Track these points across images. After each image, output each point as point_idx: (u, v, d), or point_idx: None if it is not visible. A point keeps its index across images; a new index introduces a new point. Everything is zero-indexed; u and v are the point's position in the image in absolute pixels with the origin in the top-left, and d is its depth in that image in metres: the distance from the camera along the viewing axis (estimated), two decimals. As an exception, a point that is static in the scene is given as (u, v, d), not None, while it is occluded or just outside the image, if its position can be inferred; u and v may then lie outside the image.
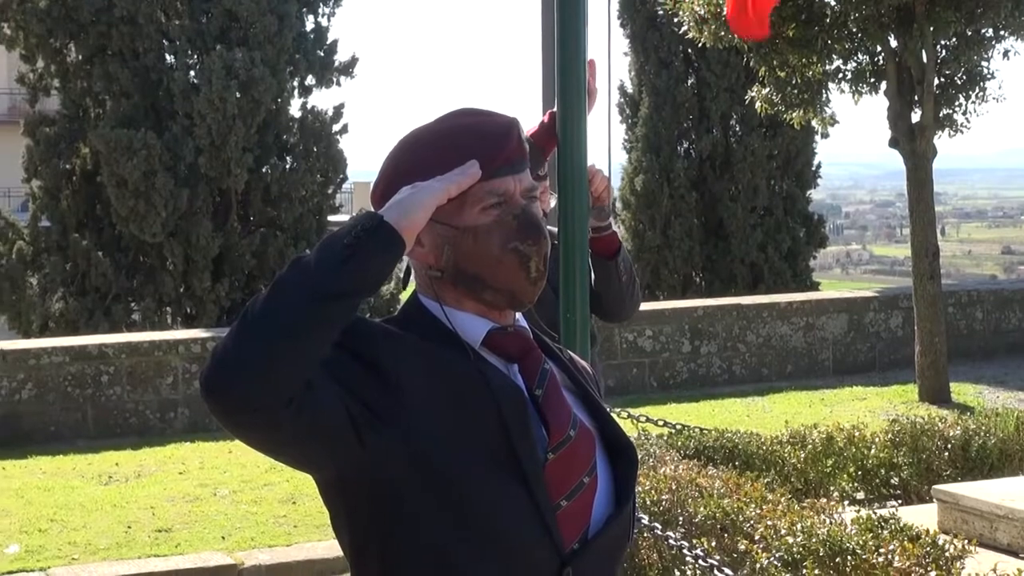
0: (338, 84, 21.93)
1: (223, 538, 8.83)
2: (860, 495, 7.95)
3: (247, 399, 1.98)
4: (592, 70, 4.06)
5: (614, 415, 2.41)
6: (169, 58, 20.66)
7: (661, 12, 19.18)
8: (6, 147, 37.86)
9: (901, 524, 5.36)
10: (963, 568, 4.97)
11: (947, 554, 5.05)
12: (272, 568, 8.26)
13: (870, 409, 12.48)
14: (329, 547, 8.31)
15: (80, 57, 20.70)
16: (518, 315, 2.33)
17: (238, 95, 19.70)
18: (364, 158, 22.84)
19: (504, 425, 2.17)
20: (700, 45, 14.43)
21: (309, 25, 21.45)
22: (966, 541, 5.36)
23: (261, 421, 2.02)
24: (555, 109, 3.99)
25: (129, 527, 9.12)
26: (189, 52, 20.52)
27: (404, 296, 2.42)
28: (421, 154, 2.26)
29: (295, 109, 21.44)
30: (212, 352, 1.99)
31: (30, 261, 20.66)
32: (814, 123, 14.62)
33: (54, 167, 20.74)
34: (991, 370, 14.80)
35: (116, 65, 20.26)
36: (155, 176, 19.41)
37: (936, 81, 13.32)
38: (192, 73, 20.41)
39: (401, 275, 2.49)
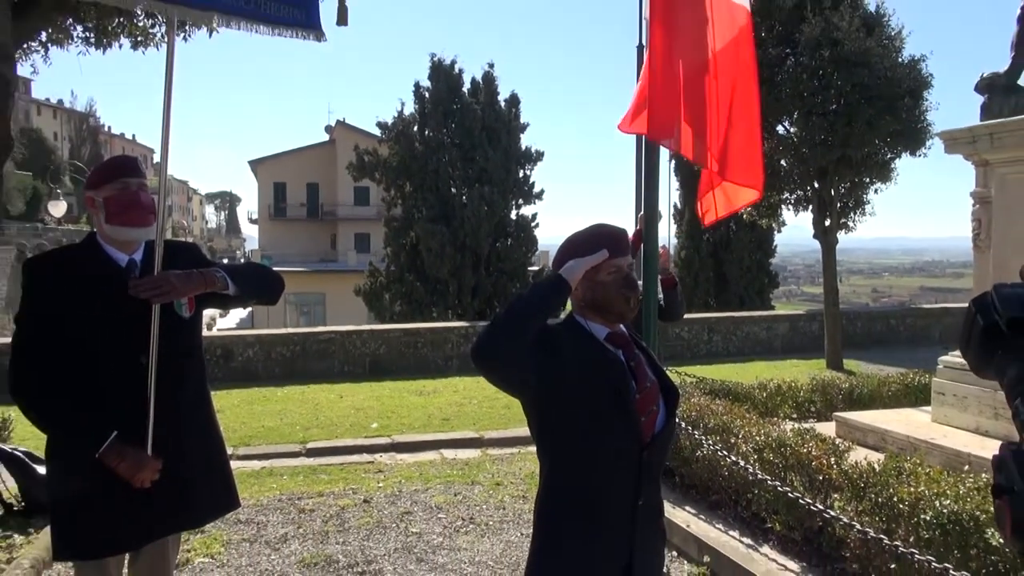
0: (534, 203, 21.92)
1: (474, 424, 8.98)
2: (795, 416, 7.73)
3: (495, 363, 2.03)
4: (664, 254, 3.77)
5: (669, 374, 2.41)
6: (453, 190, 20.95)
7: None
8: (376, 233, 39.09)
9: (816, 432, 5.21)
10: (848, 456, 4.80)
11: (839, 449, 4.89)
12: (498, 440, 8.35)
13: (801, 372, 12.05)
14: (527, 431, 8.37)
15: (411, 188, 21.15)
16: (622, 326, 2.34)
17: (486, 208, 19.94)
18: (545, 237, 22.93)
19: (613, 379, 2.19)
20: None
21: (521, 174, 21.56)
22: (850, 443, 5.19)
23: (502, 373, 2.08)
24: (640, 228, 3.85)
25: (429, 417, 9.35)
26: (462, 187, 20.82)
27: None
28: (579, 245, 2.27)
29: (512, 215, 21.53)
30: (477, 339, 2.02)
31: (384, 286, 21.18)
32: (774, 225, 14.27)
33: (397, 242, 21.19)
34: (866, 354, 14.22)
35: (428, 193, 20.66)
36: (445, 247, 19.77)
37: (838, 204, 12.93)
38: (464, 198, 20.65)
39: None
